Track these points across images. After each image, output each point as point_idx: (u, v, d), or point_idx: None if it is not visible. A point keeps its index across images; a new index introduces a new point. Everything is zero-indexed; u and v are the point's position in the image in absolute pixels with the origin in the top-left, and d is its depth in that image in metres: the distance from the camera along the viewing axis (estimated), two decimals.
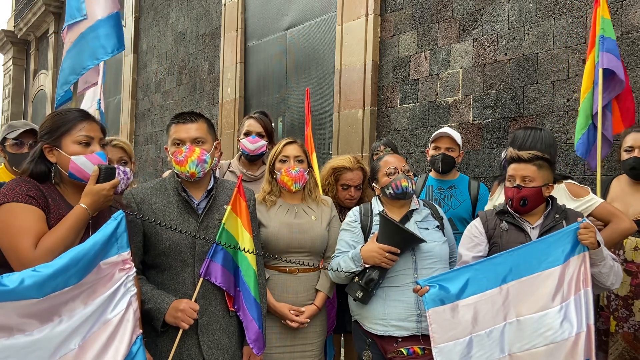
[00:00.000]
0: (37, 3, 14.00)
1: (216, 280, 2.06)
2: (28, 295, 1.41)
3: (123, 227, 1.69)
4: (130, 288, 1.71)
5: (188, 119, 2.11)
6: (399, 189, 2.39)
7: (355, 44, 5.22)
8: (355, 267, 2.30)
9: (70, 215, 1.69)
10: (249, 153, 3.08)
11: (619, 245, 2.74)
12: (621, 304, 2.72)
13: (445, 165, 3.17)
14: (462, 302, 2.06)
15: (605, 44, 3.02)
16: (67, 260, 1.51)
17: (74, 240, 1.67)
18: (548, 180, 2.30)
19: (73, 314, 1.55)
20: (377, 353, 2.36)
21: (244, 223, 2.16)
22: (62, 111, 1.86)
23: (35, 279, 1.43)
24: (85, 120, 1.81)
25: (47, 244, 1.62)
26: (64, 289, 1.50)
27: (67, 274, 1.50)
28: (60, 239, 1.64)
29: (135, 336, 1.70)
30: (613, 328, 2.75)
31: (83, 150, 1.78)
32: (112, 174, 1.76)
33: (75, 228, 1.68)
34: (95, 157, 1.78)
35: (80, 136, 1.78)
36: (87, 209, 1.70)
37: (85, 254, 1.56)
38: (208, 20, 7.83)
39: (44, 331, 1.47)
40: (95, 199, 1.71)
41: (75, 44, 3.34)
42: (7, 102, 17.92)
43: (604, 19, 3.05)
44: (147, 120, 9.26)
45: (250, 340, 2.12)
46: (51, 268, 1.47)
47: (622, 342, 2.76)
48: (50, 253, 1.60)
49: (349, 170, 2.95)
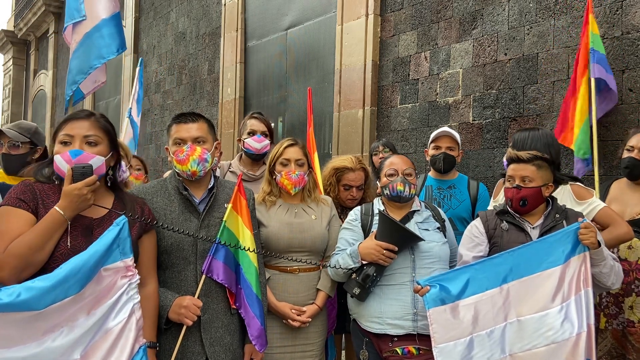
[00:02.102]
0: (37, 3, 14.00)
1: (218, 277, 2.06)
2: (26, 308, 1.40)
3: (126, 233, 1.67)
4: (133, 296, 1.69)
5: (189, 118, 2.13)
6: (395, 192, 2.42)
7: (355, 44, 5.23)
8: (353, 263, 2.31)
9: (43, 219, 1.65)
10: (254, 152, 3.08)
11: None
12: (612, 301, 2.75)
13: (447, 164, 3.17)
14: (463, 302, 2.06)
15: (595, 56, 3.13)
16: (67, 271, 1.49)
17: (43, 244, 1.62)
18: (548, 181, 2.30)
19: (75, 324, 1.53)
20: (373, 352, 2.37)
21: (245, 221, 2.17)
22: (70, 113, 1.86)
23: (33, 292, 1.41)
24: (73, 119, 1.78)
25: (12, 248, 1.59)
26: (64, 300, 1.49)
27: (66, 284, 1.49)
28: (25, 244, 1.60)
29: (137, 346, 1.67)
30: (603, 325, 2.78)
31: (61, 149, 1.74)
32: (86, 173, 1.67)
33: (45, 232, 1.63)
34: (67, 155, 1.70)
35: (61, 135, 1.75)
36: (61, 212, 1.64)
37: (85, 263, 1.54)
38: (208, 20, 7.83)
39: (44, 343, 1.46)
40: (70, 199, 1.65)
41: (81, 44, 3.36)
42: (7, 102, 17.91)
43: (593, 34, 3.17)
44: (147, 120, 9.25)
45: (253, 337, 2.13)
46: (49, 281, 1.45)
47: (610, 339, 2.78)
48: (15, 257, 1.57)
49: (350, 170, 2.95)
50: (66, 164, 1.69)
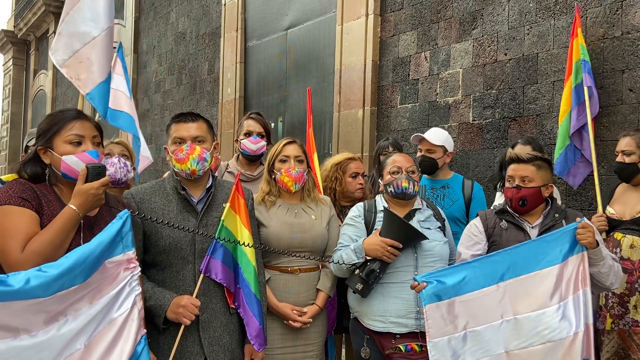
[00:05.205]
0: (37, 3, 14.00)
1: (216, 276, 2.06)
2: (33, 295, 1.42)
3: (128, 227, 1.70)
4: (135, 287, 1.72)
5: (189, 118, 2.14)
6: (399, 189, 2.41)
7: (355, 44, 5.23)
8: (357, 258, 2.31)
9: (59, 217, 1.67)
10: (250, 153, 3.09)
11: (616, 243, 2.78)
12: (617, 301, 2.76)
13: (424, 167, 3.18)
14: (459, 298, 2.07)
15: (586, 67, 3.32)
16: (74, 260, 1.52)
17: (63, 242, 1.66)
18: (547, 181, 2.31)
19: (78, 313, 1.55)
20: (375, 349, 2.37)
21: (243, 220, 2.17)
22: (56, 112, 1.85)
23: (42, 279, 1.43)
24: (76, 119, 1.79)
25: (33, 247, 1.61)
26: (70, 288, 1.51)
27: (73, 273, 1.51)
28: (47, 241, 1.62)
29: (139, 335, 1.71)
30: (609, 326, 2.78)
31: (74, 150, 1.75)
32: (101, 172, 1.72)
33: (63, 230, 1.65)
34: (86, 155, 1.75)
35: (70, 136, 1.76)
36: (76, 210, 1.67)
37: (90, 253, 1.57)
38: (208, 20, 7.83)
39: (49, 332, 1.48)
40: (84, 198, 1.68)
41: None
42: (7, 102, 17.92)
43: (582, 46, 3.36)
44: (147, 120, 9.26)
45: (252, 337, 2.13)
46: (57, 268, 1.48)
47: (617, 339, 2.79)
48: (37, 255, 1.59)
49: (353, 160, 3.09)
50: (82, 163, 1.73)
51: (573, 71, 3.35)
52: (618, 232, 2.79)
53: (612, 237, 2.82)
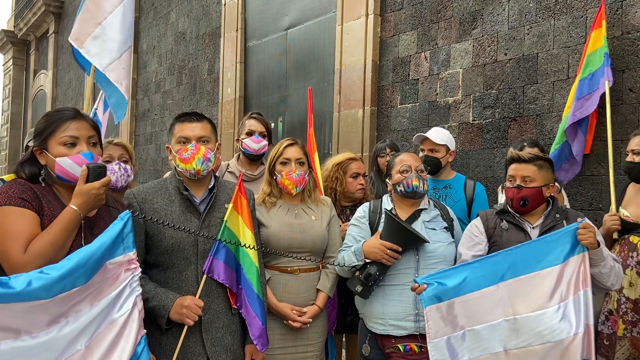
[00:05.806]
0: (37, 3, 13.98)
1: (219, 277, 2.06)
2: (35, 297, 1.41)
3: (129, 228, 1.70)
4: (135, 288, 1.72)
5: (194, 118, 2.14)
6: (410, 187, 2.40)
7: (355, 44, 5.23)
8: (356, 260, 2.32)
9: (60, 217, 1.65)
10: (252, 153, 3.09)
11: (632, 247, 2.66)
12: (631, 307, 2.61)
13: (429, 166, 3.16)
14: (459, 299, 2.08)
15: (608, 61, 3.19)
16: (75, 262, 1.51)
17: (65, 242, 1.65)
18: (549, 181, 2.31)
19: (79, 314, 1.55)
20: (375, 348, 2.39)
21: (245, 220, 2.18)
22: (53, 111, 1.81)
23: (44, 281, 1.43)
24: (71, 119, 1.75)
25: (35, 248, 1.59)
26: (71, 290, 1.51)
27: (75, 275, 1.51)
28: (49, 242, 1.61)
29: (140, 336, 1.71)
30: (621, 332, 2.65)
31: (68, 152, 1.72)
32: (101, 173, 1.71)
33: (65, 230, 1.64)
34: (80, 157, 1.72)
35: (64, 137, 1.73)
36: (78, 210, 1.66)
37: (92, 255, 1.56)
38: (208, 20, 7.83)
39: (50, 333, 1.48)
40: (86, 198, 1.67)
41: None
42: (7, 102, 17.91)
43: (605, 37, 3.24)
44: (147, 120, 9.26)
45: (254, 337, 2.13)
46: (59, 270, 1.47)
47: (629, 347, 2.64)
48: (39, 256, 1.58)
49: (353, 160, 3.09)
50: (77, 166, 1.71)
51: (583, 64, 3.27)
52: (634, 235, 2.66)
53: (628, 240, 2.68)
